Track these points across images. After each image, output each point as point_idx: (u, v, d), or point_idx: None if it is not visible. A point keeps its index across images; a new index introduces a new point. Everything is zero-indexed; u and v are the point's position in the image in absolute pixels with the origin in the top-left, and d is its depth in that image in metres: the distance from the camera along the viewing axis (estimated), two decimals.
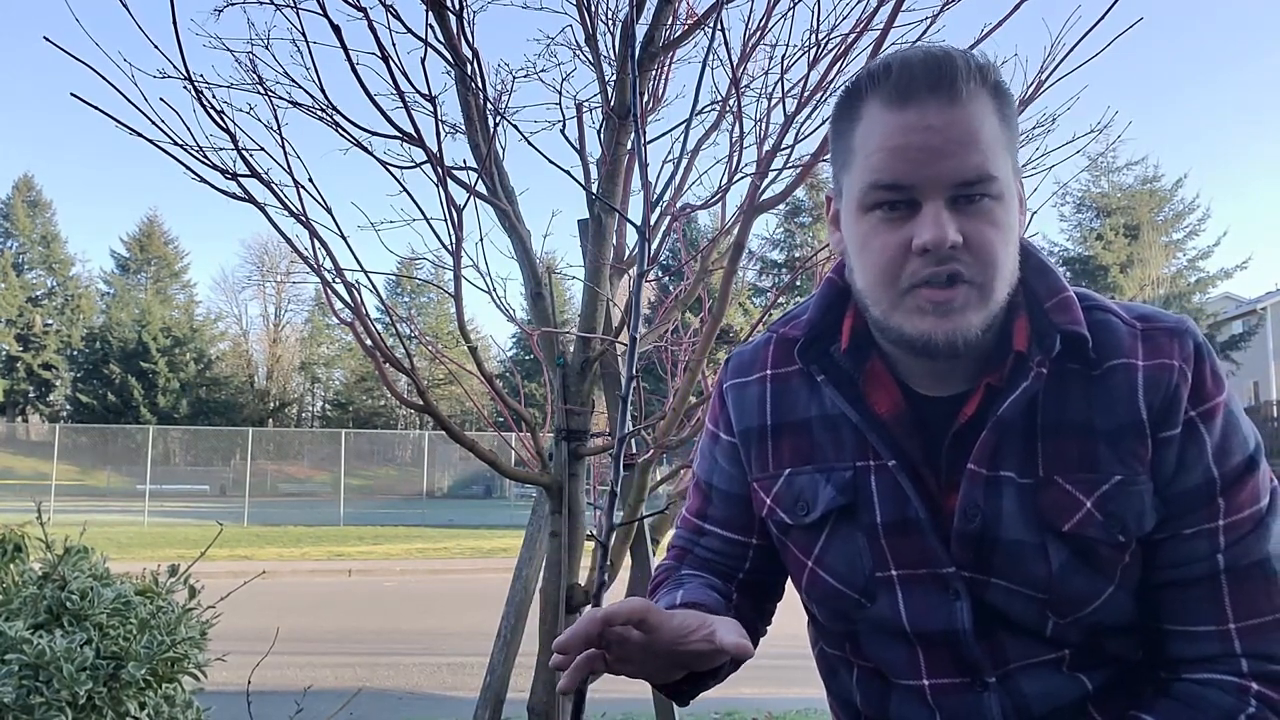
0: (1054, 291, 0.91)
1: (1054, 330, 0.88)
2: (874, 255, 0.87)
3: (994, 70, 0.87)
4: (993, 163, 0.84)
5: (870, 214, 0.88)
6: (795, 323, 1.03)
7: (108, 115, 2.09)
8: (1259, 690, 0.85)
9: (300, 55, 2.41)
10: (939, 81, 0.83)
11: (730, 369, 1.10)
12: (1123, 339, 0.90)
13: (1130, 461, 0.88)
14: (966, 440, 0.91)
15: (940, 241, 0.83)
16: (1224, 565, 0.87)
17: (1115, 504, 0.87)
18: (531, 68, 2.97)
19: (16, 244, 39.53)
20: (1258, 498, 0.88)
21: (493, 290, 2.78)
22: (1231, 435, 0.88)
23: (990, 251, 0.85)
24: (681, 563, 1.14)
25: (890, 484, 0.94)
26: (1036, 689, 0.93)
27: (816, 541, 0.99)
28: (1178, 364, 0.88)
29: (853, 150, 0.89)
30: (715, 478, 1.10)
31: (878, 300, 0.89)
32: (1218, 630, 0.87)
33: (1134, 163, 29.99)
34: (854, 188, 0.89)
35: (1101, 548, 0.88)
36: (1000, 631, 0.93)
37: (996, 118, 0.86)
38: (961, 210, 0.84)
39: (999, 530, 0.90)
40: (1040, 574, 0.89)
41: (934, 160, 0.83)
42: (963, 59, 0.85)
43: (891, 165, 0.85)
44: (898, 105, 0.85)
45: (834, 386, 0.96)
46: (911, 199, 0.85)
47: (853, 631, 1.01)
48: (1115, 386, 0.88)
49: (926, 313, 0.85)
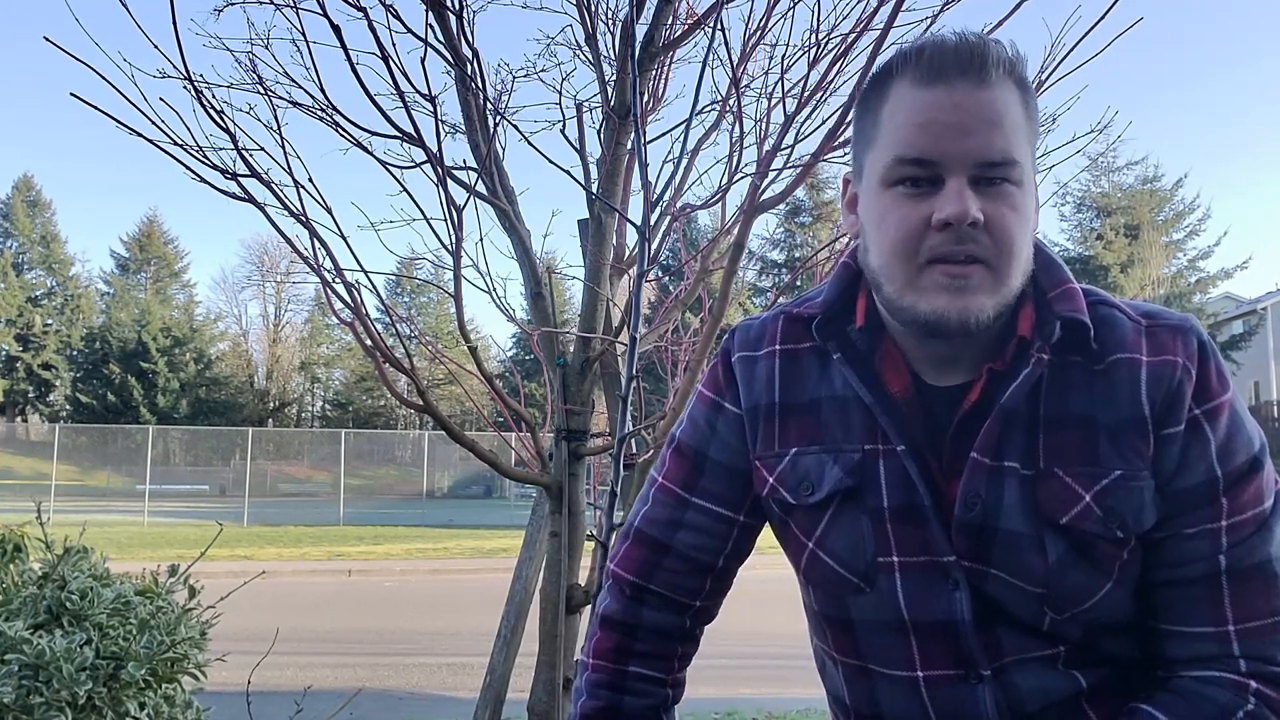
0: (1059, 283, 0.91)
1: (1054, 317, 0.88)
2: (892, 229, 0.87)
3: (1023, 64, 0.88)
4: (1016, 148, 0.85)
5: (893, 189, 0.88)
6: (810, 303, 1.02)
7: (108, 115, 2.09)
8: (1258, 689, 0.85)
9: (300, 55, 2.41)
10: (970, 63, 0.85)
11: (737, 340, 1.07)
12: (1127, 334, 0.90)
13: (1131, 457, 0.87)
14: (970, 429, 0.91)
15: (963, 215, 0.83)
16: (1225, 566, 0.87)
17: (1114, 499, 0.87)
18: (531, 68, 2.97)
19: (16, 244, 39.52)
20: (1261, 499, 0.88)
21: (493, 290, 2.79)
22: (1236, 435, 0.88)
23: (1009, 235, 0.85)
24: (632, 633, 1.09)
25: (898, 469, 0.93)
26: (1031, 684, 0.92)
27: (819, 523, 0.98)
28: (1181, 361, 0.87)
29: (879, 126, 0.90)
30: (713, 449, 1.06)
31: (892, 276, 0.88)
32: (1216, 631, 0.87)
33: (1134, 163, 30.04)
34: (878, 163, 0.89)
35: (1099, 543, 0.88)
36: (998, 624, 0.92)
37: (1021, 108, 0.87)
38: (983, 191, 0.85)
39: (998, 521, 0.90)
40: (1037, 567, 0.89)
41: (960, 137, 0.84)
42: (995, 47, 0.86)
43: (918, 140, 0.86)
44: (927, 83, 0.86)
45: (849, 365, 0.95)
46: (935, 175, 0.85)
47: (847, 620, 1.00)
48: (1118, 381, 0.88)
49: (942, 288, 0.85)
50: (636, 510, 1.13)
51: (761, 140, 2.50)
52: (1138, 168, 30.07)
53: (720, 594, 1.13)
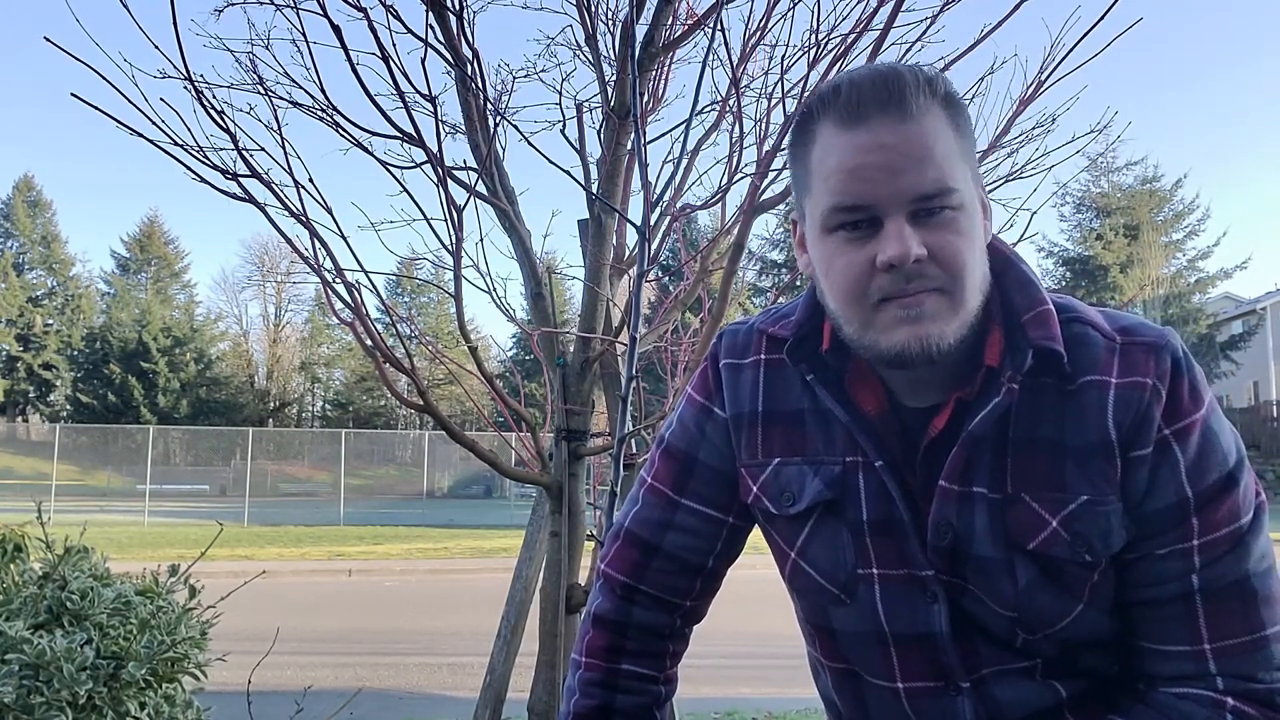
0: (1033, 304, 0.90)
1: (1027, 345, 0.88)
2: (840, 275, 0.87)
3: (944, 82, 0.87)
4: (950, 175, 0.84)
5: (834, 235, 0.87)
6: (785, 322, 1.02)
7: (108, 115, 2.09)
8: (1234, 705, 0.85)
9: (300, 55, 2.42)
10: (888, 99, 0.84)
11: (724, 346, 1.07)
12: (1099, 354, 0.88)
13: (1098, 482, 0.87)
14: (939, 453, 0.91)
15: (904, 256, 0.82)
16: (1198, 585, 0.86)
17: (1081, 524, 0.87)
18: (531, 68, 2.98)
19: (16, 244, 39.50)
20: (1237, 516, 0.86)
21: (493, 290, 2.79)
22: (1209, 453, 0.86)
23: (957, 259, 0.84)
24: (622, 633, 1.09)
25: (876, 483, 0.94)
26: (1010, 696, 0.93)
27: (800, 533, 0.99)
28: (1151, 382, 0.86)
29: (810, 174, 0.90)
30: (702, 452, 1.07)
31: (849, 319, 0.88)
32: (1193, 650, 0.87)
33: (1134, 163, 30.10)
34: (815, 211, 0.89)
35: (1069, 567, 0.88)
36: (975, 636, 0.93)
37: (950, 129, 0.86)
38: (923, 224, 0.84)
39: (970, 547, 0.90)
40: (1007, 591, 0.89)
41: (891, 178, 0.83)
42: (911, 74, 0.85)
43: (849, 186, 0.85)
44: (849, 126, 0.85)
45: (823, 386, 0.96)
46: (873, 217, 0.85)
47: (829, 629, 1.01)
48: (1087, 405, 0.87)
49: (900, 322, 0.85)
50: (626, 511, 1.13)
51: (761, 140, 2.50)
52: (1137, 168, 30.16)
53: (709, 594, 1.13)
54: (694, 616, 1.14)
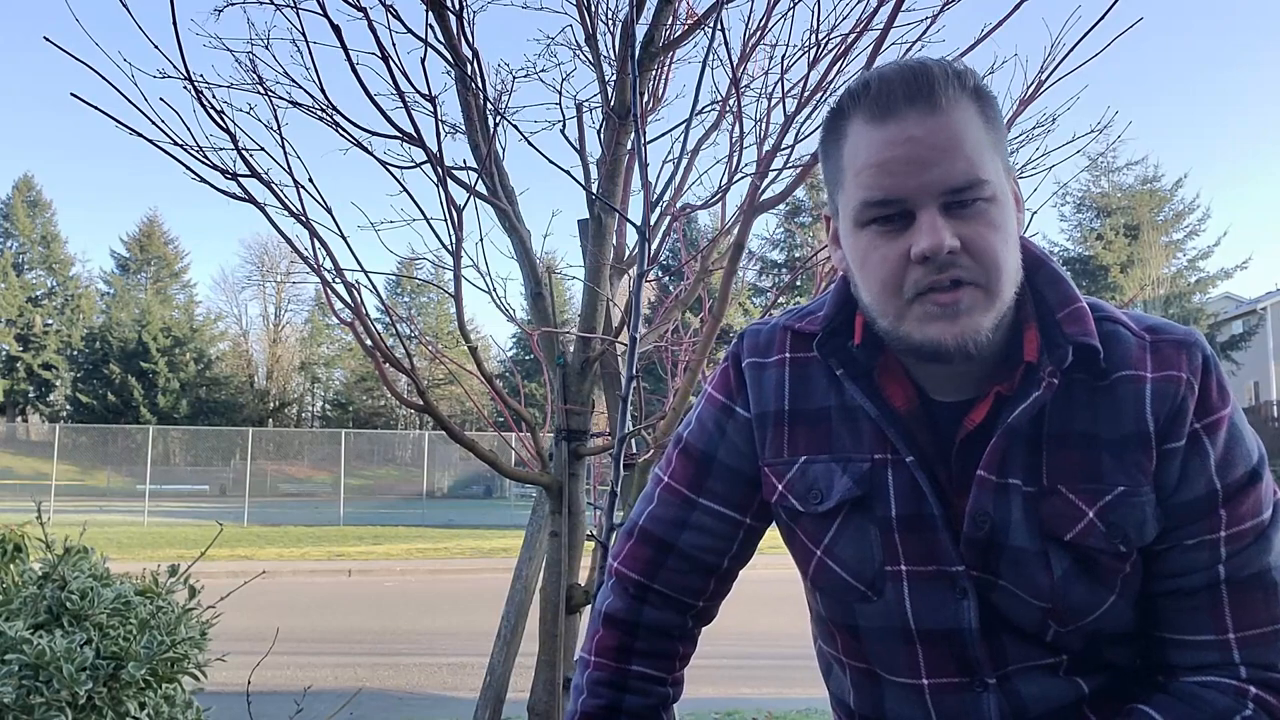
0: (1066, 301, 0.91)
1: (1066, 341, 0.89)
2: (875, 268, 0.88)
3: (972, 75, 0.88)
4: (981, 166, 0.85)
5: (867, 229, 0.88)
6: (811, 318, 1.02)
7: (108, 115, 2.09)
8: (1257, 694, 0.87)
9: (300, 55, 2.41)
10: (917, 93, 0.85)
11: (747, 346, 1.07)
12: (1131, 350, 0.90)
13: (1134, 473, 0.88)
14: (975, 446, 0.91)
15: (937, 248, 0.83)
16: (1224, 576, 0.88)
17: (1117, 515, 0.88)
18: (531, 68, 2.97)
19: (16, 244, 39.52)
20: (1260, 510, 0.89)
21: (493, 290, 2.79)
22: (1235, 447, 0.89)
23: (990, 252, 0.85)
24: (632, 633, 1.09)
25: (906, 479, 0.94)
26: (1034, 691, 0.94)
27: (827, 531, 0.99)
28: (1185, 376, 0.88)
29: (842, 169, 0.91)
30: (721, 452, 1.07)
31: (884, 312, 0.89)
32: (1217, 640, 0.89)
33: (1134, 163, 30.08)
34: (848, 206, 0.90)
35: (1103, 557, 0.89)
36: (1003, 633, 0.93)
37: (980, 120, 0.87)
38: (956, 215, 0.85)
39: (1006, 538, 0.91)
40: (1043, 582, 0.90)
41: (921, 170, 0.84)
42: (940, 68, 0.86)
43: (881, 180, 0.86)
44: (879, 120, 0.86)
45: (852, 380, 0.96)
46: (906, 210, 0.85)
47: (853, 626, 1.01)
48: (1122, 398, 0.89)
49: (935, 318, 0.85)
50: (640, 509, 1.12)
51: (761, 140, 2.50)
52: (1137, 167, 30.14)
53: (721, 595, 1.13)
54: (705, 617, 1.14)
